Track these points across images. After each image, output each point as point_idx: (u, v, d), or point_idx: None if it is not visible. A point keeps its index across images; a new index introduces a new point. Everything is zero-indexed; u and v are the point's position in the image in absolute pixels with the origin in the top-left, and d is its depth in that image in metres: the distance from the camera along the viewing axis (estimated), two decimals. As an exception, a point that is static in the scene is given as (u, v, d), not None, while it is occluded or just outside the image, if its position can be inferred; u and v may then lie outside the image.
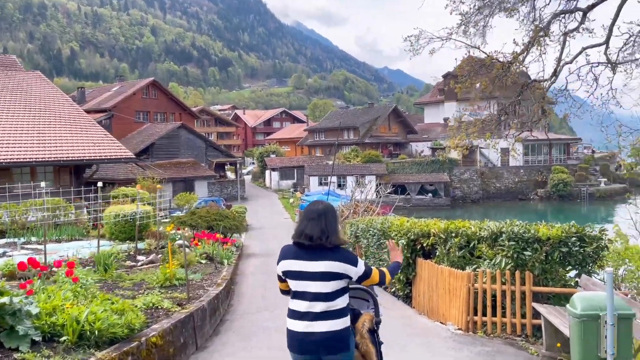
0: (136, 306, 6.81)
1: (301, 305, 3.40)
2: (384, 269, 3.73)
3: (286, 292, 3.63)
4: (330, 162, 50.50)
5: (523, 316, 7.41)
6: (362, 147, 58.34)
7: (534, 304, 6.91)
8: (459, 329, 7.63)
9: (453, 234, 8.66)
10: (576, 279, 7.49)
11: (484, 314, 7.56)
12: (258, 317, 8.74)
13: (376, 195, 30.72)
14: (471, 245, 8.29)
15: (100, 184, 11.43)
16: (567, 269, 7.51)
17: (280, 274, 3.55)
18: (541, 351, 6.58)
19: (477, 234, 8.10)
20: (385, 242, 11.15)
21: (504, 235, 7.58)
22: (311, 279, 3.37)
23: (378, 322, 3.89)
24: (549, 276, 7.51)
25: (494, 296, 7.57)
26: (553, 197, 51.85)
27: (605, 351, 4.02)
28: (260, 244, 21.45)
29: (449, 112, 65.69)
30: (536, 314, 7.28)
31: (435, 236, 9.01)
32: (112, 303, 5.63)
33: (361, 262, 3.52)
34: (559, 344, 6.48)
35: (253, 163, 76.30)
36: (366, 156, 54.17)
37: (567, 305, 4.32)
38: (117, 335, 5.01)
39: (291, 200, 45.99)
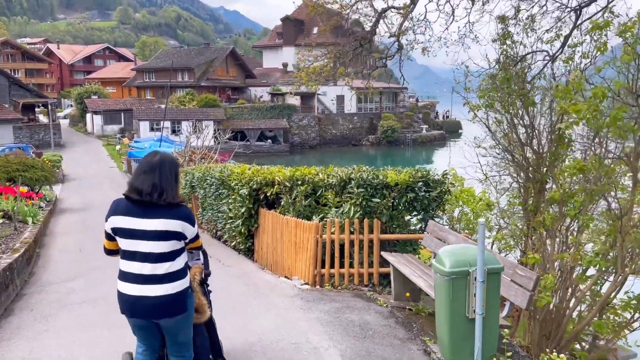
0: None
1: (133, 267, 3.13)
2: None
3: (113, 251, 3.28)
4: (163, 106, 46.97)
5: (370, 265, 7.09)
6: (198, 90, 55.30)
7: (383, 254, 6.56)
8: (305, 284, 7.05)
9: (299, 182, 7.95)
10: (420, 225, 7.35)
11: (332, 266, 7.07)
12: (68, 287, 7.20)
13: (214, 141, 29.24)
14: (318, 193, 7.68)
15: None
16: (413, 215, 7.32)
17: (109, 231, 3.19)
18: (390, 301, 6.29)
19: (325, 181, 7.48)
20: (224, 191, 10.12)
21: (353, 182, 7.06)
22: (144, 237, 3.09)
23: (208, 274, 3.88)
24: (396, 223, 7.24)
25: (341, 246, 7.11)
26: (382, 142, 55.24)
27: (474, 311, 3.58)
28: (79, 197, 18.87)
29: (287, 57, 65.31)
30: (383, 262, 7.00)
31: (280, 184, 8.22)
32: None
33: (196, 224, 3.32)
34: (408, 294, 6.23)
35: (71, 105, 67.86)
36: (203, 100, 51.50)
37: (433, 261, 3.80)
38: None
39: (118, 147, 41.99)
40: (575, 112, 4.40)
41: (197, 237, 3.30)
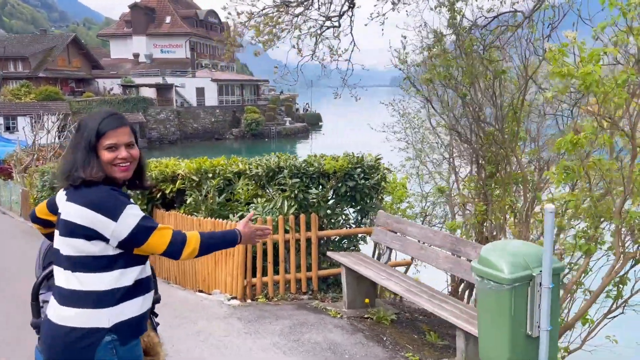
0: None
1: (56, 275, 2.07)
2: (192, 233, 2.13)
3: (39, 220, 2.32)
4: (-7, 99, 40.44)
5: (308, 268, 6.04)
6: (35, 82, 48.60)
7: (332, 254, 5.54)
8: (233, 298, 5.76)
9: (210, 175, 6.60)
10: (358, 217, 6.47)
11: (264, 273, 5.86)
12: None
13: (58, 138, 25.60)
14: (239, 186, 6.41)
15: None
16: (351, 206, 6.40)
17: (56, 203, 2.18)
18: (343, 310, 5.32)
19: (249, 172, 6.21)
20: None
21: (285, 171, 5.92)
22: (58, 228, 2.06)
23: (157, 300, 2.51)
24: (334, 217, 6.28)
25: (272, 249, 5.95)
26: (247, 136, 53.93)
27: (539, 327, 2.74)
28: None
29: (138, 47, 60.70)
30: (319, 264, 6.01)
31: (185, 179, 6.77)
32: None
33: (131, 214, 1.99)
34: (367, 300, 5.30)
35: None
36: (42, 93, 45.35)
37: (476, 265, 2.88)
38: None
39: None
40: (586, 76, 3.79)
41: (135, 237, 1.98)
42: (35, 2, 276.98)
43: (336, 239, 6.35)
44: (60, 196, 2.10)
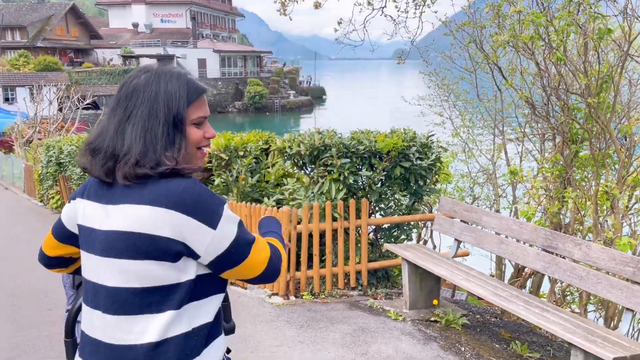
0: None
1: (93, 323, 1.30)
2: (273, 240, 1.52)
3: (56, 261, 1.52)
4: (-10, 70, 39.31)
5: (356, 260, 5.31)
6: (33, 52, 47.36)
7: (390, 246, 4.79)
8: (274, 294, 5.05)
9: (241, 153, 5.82)
10: (412, 203, 5.69)
11: (308, 266, 5.14)
12: None
13: (61, 110, 24.71)
14: (276, 166, 5.64)
15: None
16: (403, 190, 5.62)
17: (64, 222, 1.45)
18: (403, 311, 4.61)
19: (289, 150, 5.40)
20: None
21: (332, 149, 5.11)
22: (106, 250, 1.28)
23: (231, 330, 1.59)
24: (385, 202, 5.53)
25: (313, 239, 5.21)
26: (250, 109, 52.86)
27: None
28: None
29: (138, 16, 59.15)
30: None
31: (212, 157, 5.99)
32: None
33: (229, 219, 1.29)
34: (436, 301, 4.59)
35: None
36: (41, 63, 44.15)
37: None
38: None
39: None
40: None
41: (237, 254, 1.30)
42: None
43: (385, 227, 5.62)
44: (85, 204, 1.37)
